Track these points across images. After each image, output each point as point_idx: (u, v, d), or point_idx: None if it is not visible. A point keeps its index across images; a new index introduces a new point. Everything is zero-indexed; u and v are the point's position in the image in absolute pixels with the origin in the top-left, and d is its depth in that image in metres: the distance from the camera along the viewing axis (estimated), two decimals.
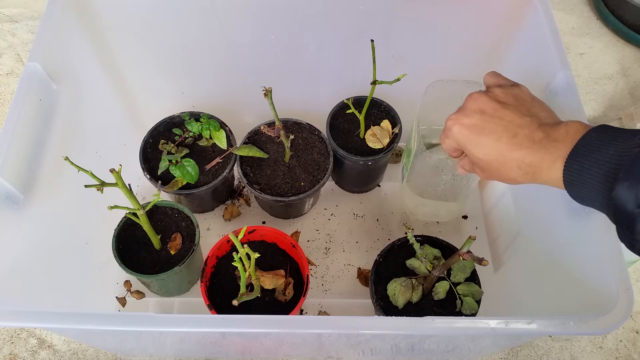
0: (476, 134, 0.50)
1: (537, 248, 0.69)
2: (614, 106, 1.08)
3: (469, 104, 0.52)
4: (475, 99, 0.52)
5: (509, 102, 0.51)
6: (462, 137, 0.51)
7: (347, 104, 0.80)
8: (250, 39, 0.79)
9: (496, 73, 0.56)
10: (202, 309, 0.70)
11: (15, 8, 1.20)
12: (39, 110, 0.62)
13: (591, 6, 1.24)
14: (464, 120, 0.51)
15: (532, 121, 0.48)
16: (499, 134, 0.49)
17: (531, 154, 0.46)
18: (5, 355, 0.79)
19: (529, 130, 0.48)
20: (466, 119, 0.51)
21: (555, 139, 0.45)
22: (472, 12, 0.76)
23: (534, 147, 0.46)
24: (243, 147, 0.80)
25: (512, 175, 0.49)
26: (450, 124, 0.53)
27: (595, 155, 0.41)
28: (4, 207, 0.56)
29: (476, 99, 0.52)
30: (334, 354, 0.73)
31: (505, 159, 0.48)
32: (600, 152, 0.41)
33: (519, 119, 0.49)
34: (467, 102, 0.53)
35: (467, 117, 0.51)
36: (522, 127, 0.48)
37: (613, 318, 0.49)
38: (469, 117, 0.51)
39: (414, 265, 0.71)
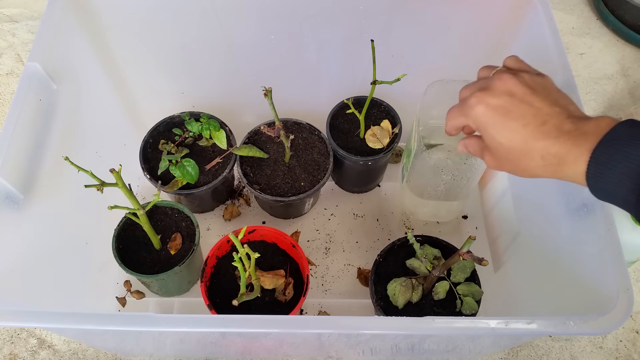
0: (502, 116, 0.47)
1: (537, 248, 0.69)
2: (614, 106, 1.08)
3: (497, 84, 0.49)
4: (504, 79, 0.48)
5: (537, 89, 0.48)
6: (485, 118, 0.48)
7: (347, 104, 0.80)
8: (250, 39, 0.79)
9: (519, 58, 0.53)
10: (202, 309, 0.70)
11: (15, 8, 1.20)
12: (39, 110, 0.62)
13: (591, 6, 1.24)
14: (490, 100, 0.48)
15: (562, 111, 0.46)
16: (527, 120, 0.46)
17: (558, 144, 0.44)
18: (5, 355, 0.79)
19: (558, 120, 0.45)
20: (493, 99, 0.48)
21: (585, 132, 0.43)
22: (472, 12, 0.76)
23: (561, 138, 0.44)
24: (243, 147, 0.80)
25: (532, 165, 0.46)
26: (474, 102, 0.49)
27: (626, 149, 0.40)
28: (4, 207, 0.56)
29: (506, 80, 0.48)
30: (334, 354, 0.73)
31: (529, 147, 0.46)
32: (631, 146, 0.40)
33: (548, 108, 0.46)
34: (494, 81, 0.49)
35: (495, 98, 0.48)
36: (551, 116, 0.46)
37: (613, 318, 0.49)
38: (497, 98, 0.48)
39: (414, 265, 0.71)
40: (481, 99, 0.48)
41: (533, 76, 0.50)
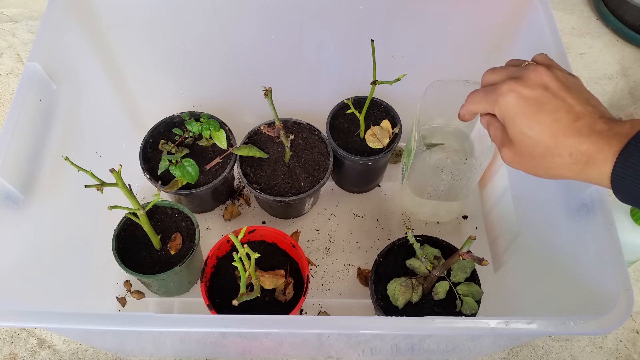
0: (535, 108, 0.46)
1: (537, 248, 0.69)
2: (614, 106, 1.08)
3: (532, 75, 0.47)
4: (539, 72, 0.47)
5: (570, 86, 0.47)
6: (516, 108, 0.46)
7: (347, 104, 0.80)
8: (250, 39, 0.79)
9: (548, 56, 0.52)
10: (202, 309, 0.70)
11: (15, 8, 1.20)
12: (39, 110, 0.62)
13: (591, 6, 1.24)
14: (524, 90, 0.46)
15: (594, 111, 0.45)
16: (560, 115, 0.45)
17: (589, 142, 0.43)
18: (5, 355, 0.79)
19: (590, 118, 0.44)
20: (527, 89, 0.46)
21: (618, 132, 0.42)
22: (472, 12, 0.76)
23: (593, 136, 0.43)
24: (243, 147, 0.80)
25: (557, 163, 0.45)
26: (506, 90, 0.47)
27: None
28: (4, 207, 0.56)
29: (541, 72, 0.47)
30: (334, 354, 0.73)
31: (558, 143, 0.44)
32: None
33: (581, 106, 0.45)
34: (528, 72, 0.48)
35: (529, 89, 0.46)
36: (584, 113, 0.45)
37: (613, 318, 0.49)
38: (530, 89, 0.46)
39: (414, 265, 0.71)
40: (513, 88, 0.47)
41: (566, 74, 0.49)
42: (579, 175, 0.45)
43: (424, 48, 0.81)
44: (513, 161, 0.49)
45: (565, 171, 0.45)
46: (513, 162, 0.49)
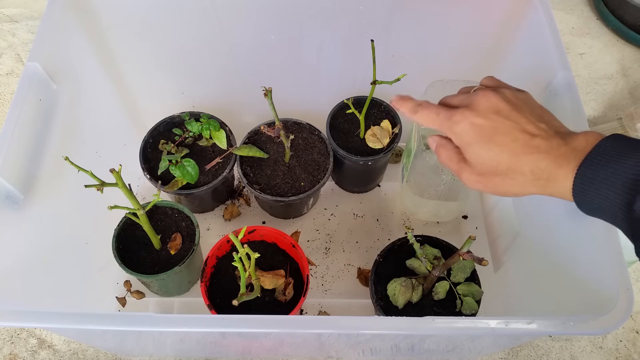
0: (490, 133, 0.47)
1: (537, 248, 0.69)
2: (614, 106, 1.08)
3: (481, 101, 0.48)
4: (487, 97, 0.48)
5: (520, 105, 0.48)
6: (472, 135, 0.47)
7: (347, 104, 0.80)
8: (251, 39, 0.79)
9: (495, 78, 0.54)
10: (202, 309, 0.70)
11: (15, 8, 1.20)
12: (39, 110, 0.62)
13: (591, 6, 1.24)
14: (476, 119, 0.47)
15: (549, 127, 0.46)
16: (515, 135, 0.46)
17: (548, 159, 0.44)
18: (5, 355, 0.79)
19: (546, 135, 0.45)
20: (479, 118, 0.47)
21: (575, 148, 0.43)
22: (472, 12, 0.76)
23: (551, 152, 0.44)
24: (243, 147, 0.80)
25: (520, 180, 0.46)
26: (459, 119, 0.48)
27: (613, 165, 0.39)
28: (4, 207, 0.56)
29: (489, 97, 0.48)
30: (334, 354, 0.73)
31: (519, 161, 0.45)
32: (617, 162, 0.39)
33: (533, 125, 0.46)
34: (477, 98, 0.49)
35: (480, 116, 0.47)
36: (538, 130, 0.46)
37: (613, 318, 0.49)
38: (482, 116, 0.47)
39: (414, 265, 0.71)
40: (467, 116, 0.48)
41: (514, 92, 0.50)
42: (543, 190, 0.45)
43: (424, 48, 0.81)
44: (476, 182, 0.49)
45: (529, 187, 0.46)
46: (476, 183, 0.49)
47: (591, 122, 1.05)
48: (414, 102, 0.53)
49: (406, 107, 0.54)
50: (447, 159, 0.51)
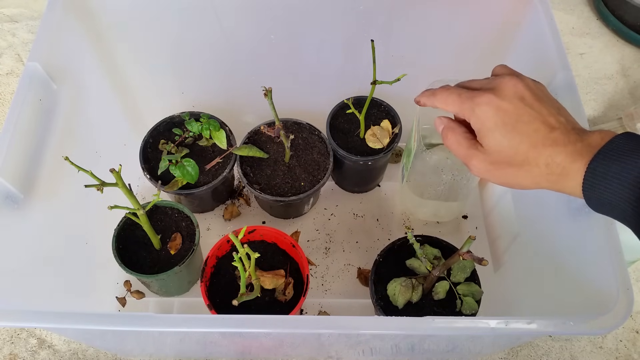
0: (514, 120, 0.46)
1: (537, 248, 0.69)
2: (614, 106, 1.08)
3: (507, 85, 0.47)
4: (513, 82, 0.47)
5: (541, 96, 0.47)
6: (496, 119, 0.46)
7: (347, 104, 0.80)
8: (250, 39, 0.79)
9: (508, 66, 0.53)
10: (202, 309, 0.70)
11: (15, 8, 1.20)
12: (39, 110, 0.62)
13: (591, 6, 1.24)
14: (502, 102, 0.46)
15: (567, 122, 0.46)
16: (537, 126, 0.45)
17: (565, 153, 0.44)
18: (5, 355, 0.79)
19: (565, 129, 0.45)
20: (505, 102, 0.46)
21: (590, 144, 0.43)
22: (472, 12, 0.76)
23: (568, 147, 0.44)
24: (243, 147, 0.80)
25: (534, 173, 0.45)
26: (484, 101, 0.47)
27: (625, 160, 0.40)
28: (4, 207, 0.56)
29: (515, 83, 0.47)
30: (334, 354, 0.73)
31: (535, 154, 0.45)
32: (630, 158, 0.40)
33: (554, 117, 0.46)
34: (503, 82, 0.48)
35: (507, 101, 0.46)
36: (558, 124, 0.45)
37: (613, 318, 0.49)
38: (508, 101, 0.46)
39: (414, 265, 0.70)
40: (492, 100, 0.47)
41: (535, 82, 0.49)
42: (555, 185, 0.45)
43: (424, 48, 0.81)
44: (486, 170, 0.48)
45: (541, 181, 0.45)
46: (486, 172, 0.48)
47: (591, 122, 1.05)
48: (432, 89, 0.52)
49: (425, 95, 0.53)
50: (456, 143, 0.50)
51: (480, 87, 0.49)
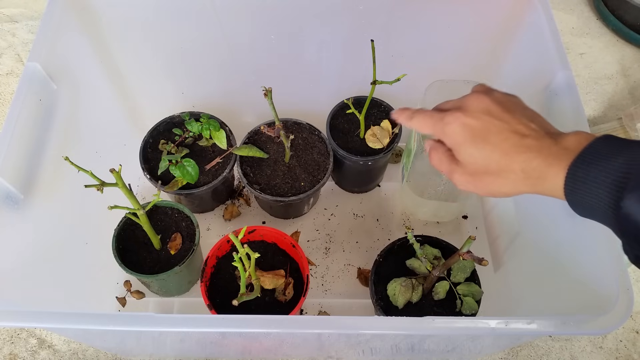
0: (483, 133, 0.47)
1: (537, 248, 0.69)
2: (614, 106, 1.08)
3: (473, 103, 0.49)
4: (480, 99, 0.49)
5: (511, 107, 0.49)
6: (464, 135, 0.48)
7: (347, 104, 0.80)
8: (250, 39, 0.79)
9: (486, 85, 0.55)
10: (202, 309, 0.70)
11: (15, 8, 1.20)
12: (39, 110, 0.62)
13: (591, 6, 1.24)
14: (467, 119, 0.48)
15: (539, 128, 0.47)
16: (506, 135, 0.46)
17: (540, 158, 0.44)
18: (5, 355, 0.79)
19: (537, 135, 0.46)
20: (470, 118, 0.48)
21: (566, 147, 0.44)
22: (472, 12, 0.76)
23: (542, 152, 0.45)
24: (243, 147, 0.80)
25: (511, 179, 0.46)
26: (451, 120, 0.49)
27: (603, 163, 0.40)
28: (4, 207, 0.56)
29: (481, 99, 0.49)
30: (334, 354, 0.73)
31: (509, 162, 0.46)
32: (608, 160, 0.40)
33: (524, 125, 0.47)
34: (469, 101, 0.50)
35: (472, 117, 0.48)
36: (530, 130, 0.46)
37: (613, 318, 0.49)
38: (473, 118, 0.48)
39: (414, 265, 0.70)
40: (458, 117, 0.49)
41: (505, 95, 0.51)
42: (535, 189, 0.46)
43: (424, 48, 0.81)
44: (467, 182, 0.49)
45: (520, 186, 0.46)
46: (467, 183, 0.50)
47: (591, 122, 1.05)
48: (411, 110, 0.55)
49: (403, 116, 0.55)
50: (438, 161, 0.52)
51: (451, 107, 0.51)
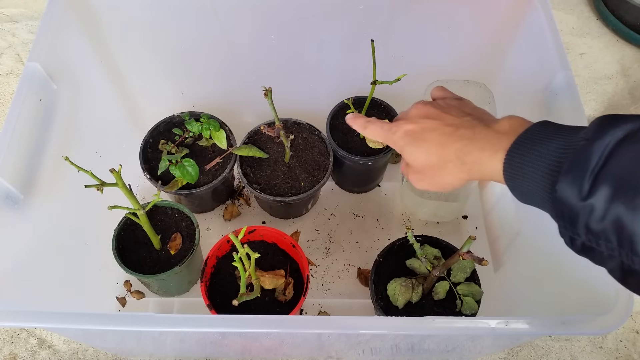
0: (419, 134, 0.52)
1: (537, 248, 0.69)
2: (614, 106, 1.08)
3: (414, 111, 0.55)
4: (420, 107, 0.55)
5: (450, 109, 0.53)
6: (405, 139, 0.53)
7: (347, 104, 0.80)
8: (250, 39, 0.79)
9: (443, 87, 0.60)
10: (202, 309, 0.70)
11: (15, 8, 1.20)
12: (39, 110, 0.62)
13: (591, 6, 1.24)
14: (408, 125, 0.53)
15: (473, 118, 0.51)
16: (441, 130, 0.50)
17: (472, 143, 0.47)
18: (5, 355, 0.79)
19: (469, 124, 0.49)
20: (410, 124, 0.53)
21: (498, 131, 0.46)
22: (472, 12, 0.76)
23: (475, 138, 0.47)
24: (243, 147, 0.80)
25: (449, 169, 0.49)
26: (395, 129, 0.54)
27: (539, 148, 0.41)
28: (4, 207, 0.56)
29: (421, 107, 0.54)
30: (334, 354, 0.73)
31: (445, 151, 0.49)
32: (543, 145, 0.41)
33: (459, 118, 0.51)
34: (411, 110, 0.55)
35: (412, 123, 0.53)
36: (462, 122, 0.50)
37: (613, 318, 0.49)
38: (413, 123, 0.53)
39: (414, 265, 0.71)
40: (400, 125, 0.54)
41: (449, 100, 0.55)
42: (472, 174, 0.48)
43: (424, 48, 0.81)
44: (419, 180, 0.54)
45: (459, 173, 0.49)
46: (419, 180, 0.54)
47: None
48: (364, 119, 0.60)
49: (358, 124, 0.60)
50: (402, 169, 0.58)
51: (399, 118, 0.57)
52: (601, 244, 0.36)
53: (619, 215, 0.34)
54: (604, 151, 0.36)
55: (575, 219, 0.37)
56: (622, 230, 0.34)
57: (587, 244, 0.37)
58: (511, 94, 0.78)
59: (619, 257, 0.35)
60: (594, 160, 0.36)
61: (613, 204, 0.34)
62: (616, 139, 0.36)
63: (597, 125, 0.38)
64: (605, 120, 0.38)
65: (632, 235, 0.33)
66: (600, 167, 0.35)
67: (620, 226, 0.34)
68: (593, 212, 0.35)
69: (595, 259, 0.38)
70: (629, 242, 0.34)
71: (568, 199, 0.37)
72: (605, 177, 0.35)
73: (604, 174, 0.35)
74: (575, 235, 0.38)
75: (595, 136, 0.37)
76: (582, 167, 0.36)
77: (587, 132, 0.38)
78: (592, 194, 0.35)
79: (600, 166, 0.35)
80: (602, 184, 0.35)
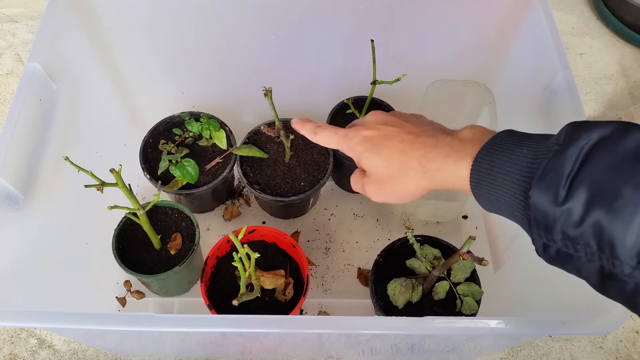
0: (379, 140, 0.50)
1: None
2: (614, 106, 1.08)
3: (372, 118, 0.53)
4: (377, 114, 0.53)
5: (407, 118, 0.52)
6: (364, 145, 0.51)
7: (347, 104, 0.80)
8: (250, 38, 0.79)
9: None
10: (202, 309, 0.70)
11: (15, 8, 1.20)
12: (39, 110, 0.62)
13: (591, 6, 1.24)
14: (366, 131, 0.51)
15: (433, 128, 0.49)
16: (402, 137, 0.49)
17: (435, 150, 0.46)
18: (5, 355, 0.79)
19: (431, 133, 0.48)
20: (369, 130, 0.51)
21: (462, 139, 0.45)
22: (472, 12, 0.76)
23: (439, 145, 0.46)
24: (243, 147, 0.80)
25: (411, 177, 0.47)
26: (352, 134, 0.52)
27: (508, 154, 0.40)
28: (4, 207, 0.56)
29: (378, 114, 0.53)
30: (334, 354, 0.73)
31: (407, 158, 0.47)
32: (513, 152, 0.40)
33: (419, 127, 0.49)
34: (368, 117, 0.53)
35: (370, 129, 0.51)
36: (423, 131, 0.49)
37: (613, 318, 0.49)
38: (372, 129, 0.51)
39: (414, 265, 0.71)
40: (358, 131, 0.52)
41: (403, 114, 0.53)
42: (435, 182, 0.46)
43: (424, 48, 0.81)
44: (377, 191, 0.51)
45: (422, 181, 0.47)
46: (377, 192, 0.51)
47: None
48: (314, 124, 0.57)
49: (306, 129, 0.57)
50: (354, 181, 0.54)
51: (354, 124, 0.54)
52: (579, 248, 0.35)
53: (598, 219, 0.33)
54: (579, 155, 0.35)
55: (551, 225, 0.36)
56: (601, 234, 0.33)
57: (563, 250, 0.36)
58: (511, 94, 0.78)
59: (598, 261, 0.34)
60: (569, 164, 0.35)
61: (591, 208, 0.33)
62: (591, 143, 0.35)
63: (568, 131, 0.37)
64: (577, 126, 0.37)
65: (612, 238, 0.33)
66: (576, 172, 0.35)
67: (600, 230, 0.33)
68: (570, 217, 0.34)
69: (569, 266, 0.37)
70: (610, 246, 0.33)
71: (543, 204, 0.36)
72: (581, 181, 0.34)
73: (580, 178, 0.34)
74: (550, 242, 0.37)
75: (569, 141, 0.36)
76: (557, 172, 0.36)
77: (559, 137, 0.37)
78: (569, 199, 0.34)
79: (576, 170, 0.35)
80: (578, 189, 0.34)
